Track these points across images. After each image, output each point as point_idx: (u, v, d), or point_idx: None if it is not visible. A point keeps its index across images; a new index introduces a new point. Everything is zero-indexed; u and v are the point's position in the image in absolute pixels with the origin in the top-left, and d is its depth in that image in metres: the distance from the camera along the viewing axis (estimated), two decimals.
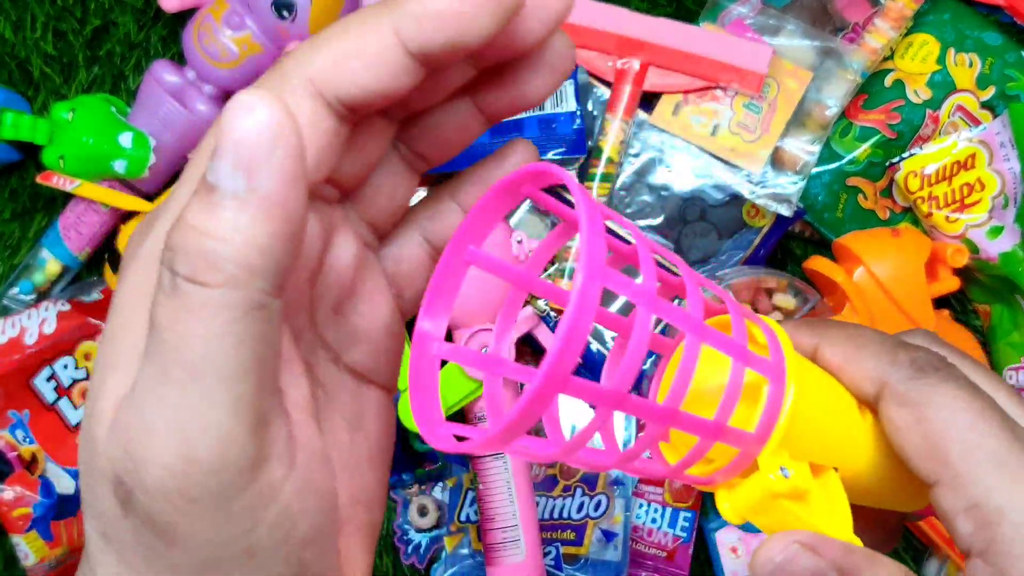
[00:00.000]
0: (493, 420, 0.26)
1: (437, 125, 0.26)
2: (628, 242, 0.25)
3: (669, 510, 0.66)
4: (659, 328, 0.60)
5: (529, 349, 0.65)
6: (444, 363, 0.29)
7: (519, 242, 0.60)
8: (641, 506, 0.66)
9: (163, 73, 0.62)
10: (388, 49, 0.21)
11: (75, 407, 0.64)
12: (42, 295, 0.68)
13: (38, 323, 0.65)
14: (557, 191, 0.25)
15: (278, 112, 0.19)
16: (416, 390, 0.24)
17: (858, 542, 0.27)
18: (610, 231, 0.26)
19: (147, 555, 0.21)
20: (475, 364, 0.25)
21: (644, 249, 0.23)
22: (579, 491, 0.64)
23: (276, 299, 0.20)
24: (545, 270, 0.66)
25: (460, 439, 0.23)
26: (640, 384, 0.61)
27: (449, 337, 0.62)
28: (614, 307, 0.63)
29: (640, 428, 0.66)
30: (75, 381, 0.64)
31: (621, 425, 0.65)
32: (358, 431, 0.25)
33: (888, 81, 0.65)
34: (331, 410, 0.25)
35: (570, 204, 0.25)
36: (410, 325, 0.25)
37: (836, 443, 0.28)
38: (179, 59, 0.67)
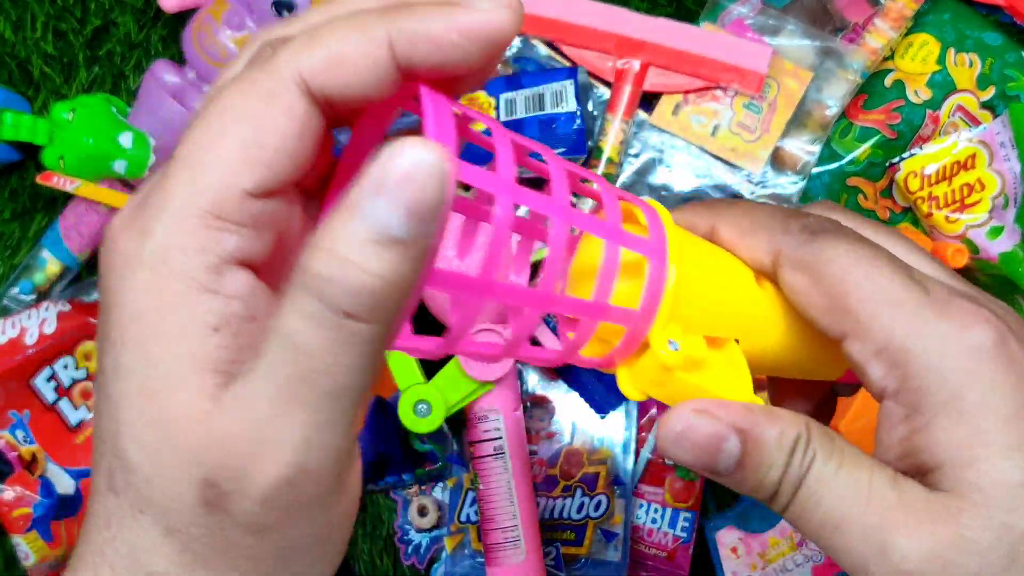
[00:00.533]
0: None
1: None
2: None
3: (669, 510, 0.66)
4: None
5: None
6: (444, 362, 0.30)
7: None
8: (641, 506, 0.66)
9: (163, 73, 0.62)
10: (381, 59, 0.22)
11: (75, 407, 0.64)
12: (42, 295, 0.68)
13: (38, 323, 0.65)
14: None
15: (447, 164, 0.19)
16: None
17: (760, 402, 0.27)
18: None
19: (225, 547, 0.22)
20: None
21: (503, 137, 0.23)
22: (579, 491, 0.64)
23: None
24: None
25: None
26: None
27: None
28: None
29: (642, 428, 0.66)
30: (75, 381, 0.64)
31: (622, 424, 0.65)
32: None
33: (888, 81, 0.65)
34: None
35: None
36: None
37: (733, 314, 0.29)
38: (179, 59, 0.68)
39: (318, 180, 0.25)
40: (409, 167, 0.19)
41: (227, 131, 0.21)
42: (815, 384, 0.34)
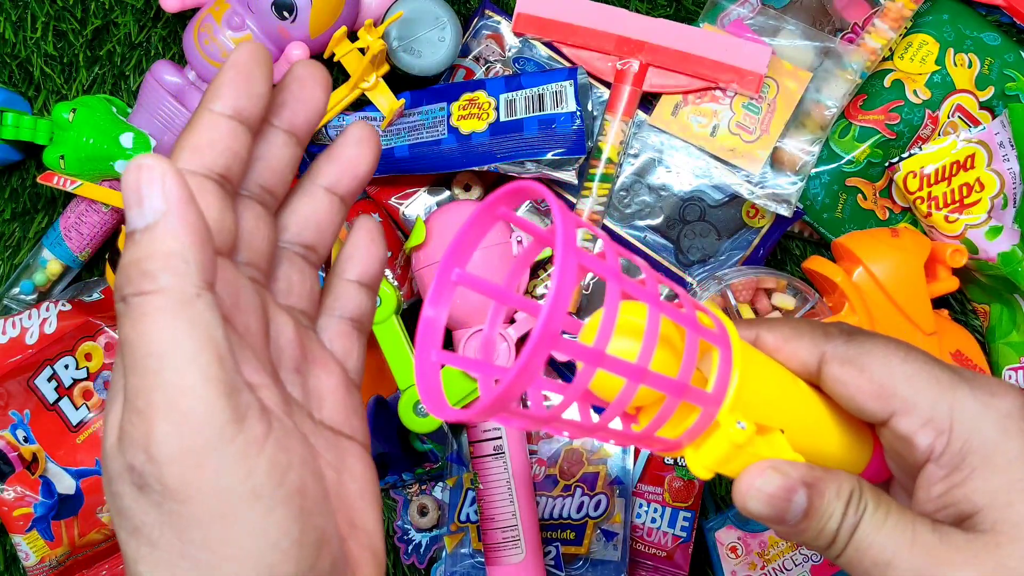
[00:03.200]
0: (487, 392, 0.29)
1: (299, 208, 0.32)
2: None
3: (669, 510, 0.66)
4: None
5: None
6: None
7: (519, 242, 0.60)
8: (641, 506, 0.66)
9: (164, 73, 0.63)
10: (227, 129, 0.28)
11: (76, 407, 0.64)
12: (43, 295, 0.68)
13: (39, 323, 0.65)
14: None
15: (151, 158, 0.24)
16: (422, 386, 0.27)
17: None
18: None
19: (172, 525, 0.24)
20: (470, 368, 0.29)
21: (610, 248, 0.27)
22: (579, 491, 0.64)
23: (208, 292, 0.25)
24: (544, 270, 0.66)
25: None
26: None
27: (448, 341, 0.62)
28: None
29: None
30: (76, 381, 0.64)
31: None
32: (343, 472, 0.30)
33: (887, 81, 0.65)
34: (315, 453, 0.29)
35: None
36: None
37: (778, 405, 0.33)
38: (179, 59, 0.68)
39: (263, 268, 0.31)
40: (125, 178, 0.25)
41: None
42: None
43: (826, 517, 0.31)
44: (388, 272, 0.65)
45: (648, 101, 0.65)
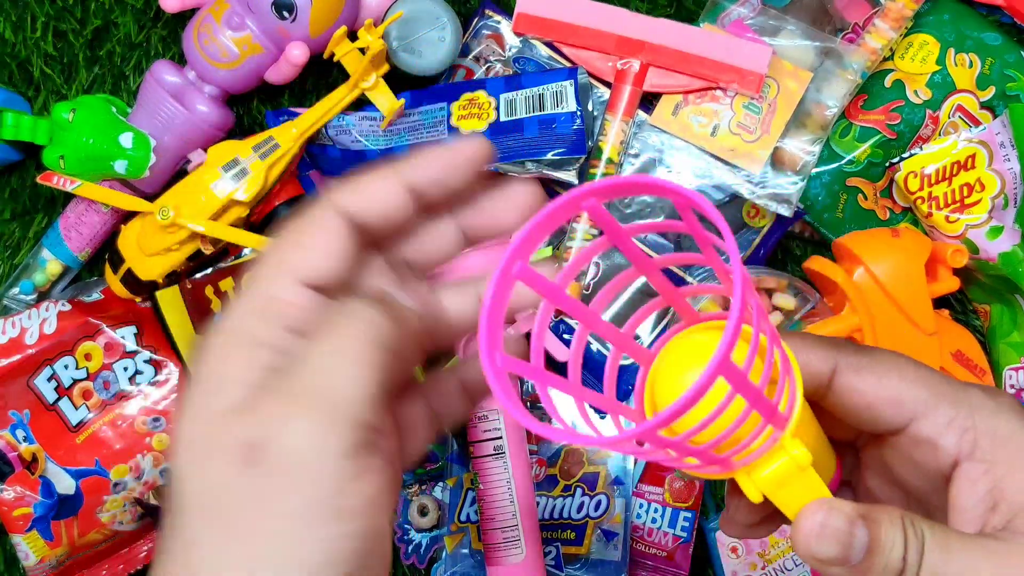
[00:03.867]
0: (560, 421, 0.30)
1: (423, 246, 0.33)
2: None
3: (669, 510, 0.66)
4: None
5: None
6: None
7: None
8: (641, 506, 0.66)
9: (163, 73, 0.62)
10: (393, 191, 0.29)
11: (75, 407, 0.64)
12: (43, 295, 0.68)
13: (39, 323, 0.65)
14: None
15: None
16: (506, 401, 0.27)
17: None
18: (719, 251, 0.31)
19: (260, 506, 0.25)
20: (537, 378, 0.29)
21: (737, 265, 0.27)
22: (579, 491, 0.64)
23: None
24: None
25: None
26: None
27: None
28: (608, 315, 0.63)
29: None
30: (75, 381, 0.64)
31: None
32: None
33: (888, 81, 0.65)
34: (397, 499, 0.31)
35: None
36: None
37: (809, 424, 0.33)
38: (179, 59, 0.68)
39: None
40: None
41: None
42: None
43: (888, 548, 0.30)
44: None
45: (648, 101, 0.65)
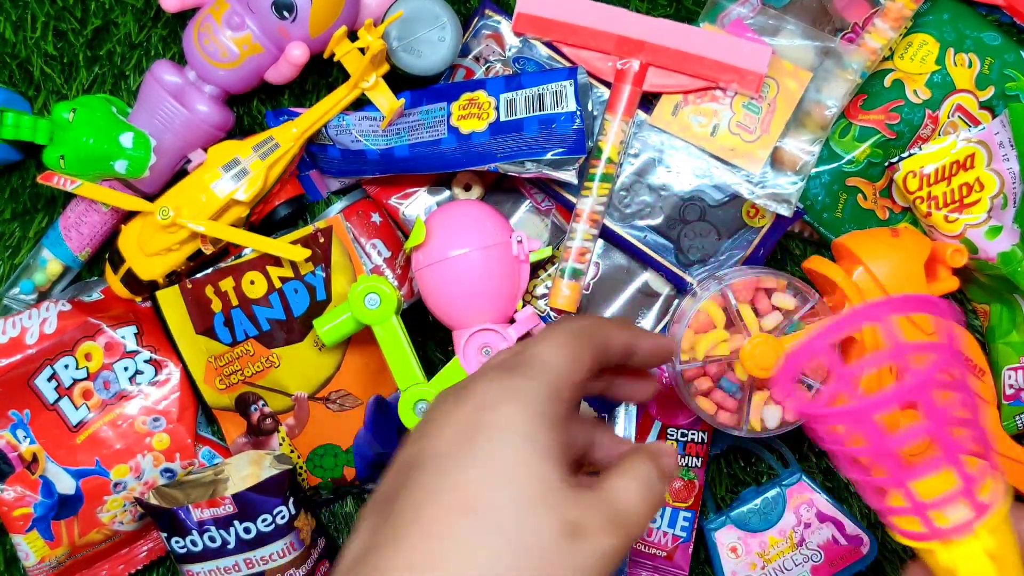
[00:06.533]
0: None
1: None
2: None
3: (669, 510, 0.66)
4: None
5: None
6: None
7: (519, 242, 0.60)
8: None
9: (163, 73, 0.62)
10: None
11: (76, 407, 0.64)
12: (43, 295, 0.68)
13: (39, 323, 0.65)
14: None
15: None
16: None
17: None
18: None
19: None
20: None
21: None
22: None
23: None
24: (544, 270, 0.66)
25: None
26: None
27: (435, 336, 0.62)
28: None
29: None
30: (76, 381, 0.64)
31: (622, 423, 0.65)
32: None
33: (887, 81, 0.65)
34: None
35: None
36: None
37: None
38: (179, 59, 0.68)
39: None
40: None
41: None
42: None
43: None
44: (388, 272, 0.65)
45: (648, 101, 0.65)
